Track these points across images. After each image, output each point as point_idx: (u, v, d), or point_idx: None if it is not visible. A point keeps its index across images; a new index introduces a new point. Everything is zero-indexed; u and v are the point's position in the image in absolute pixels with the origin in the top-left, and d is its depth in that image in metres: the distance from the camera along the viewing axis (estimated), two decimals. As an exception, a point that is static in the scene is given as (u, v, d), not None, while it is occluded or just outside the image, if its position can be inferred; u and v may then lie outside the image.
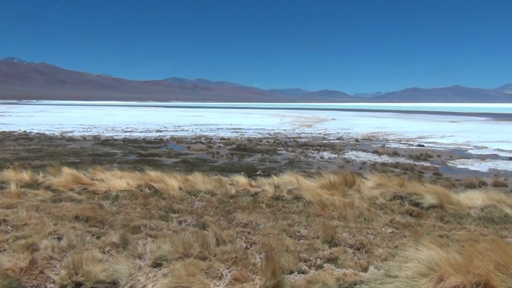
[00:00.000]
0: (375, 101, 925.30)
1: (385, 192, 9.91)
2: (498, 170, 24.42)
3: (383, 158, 28.73)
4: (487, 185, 18.69)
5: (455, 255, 4.01)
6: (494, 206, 9.00)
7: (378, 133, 52.36)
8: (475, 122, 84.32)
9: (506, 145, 37.56)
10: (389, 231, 6.94)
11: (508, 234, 7.07)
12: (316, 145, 36.63)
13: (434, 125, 71.55)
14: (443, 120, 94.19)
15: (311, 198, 9.15)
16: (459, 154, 32.25)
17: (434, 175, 21.77)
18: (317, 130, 58.17)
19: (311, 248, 5.78)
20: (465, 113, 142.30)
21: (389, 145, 38.26)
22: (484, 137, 46.44)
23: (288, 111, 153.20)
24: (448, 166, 26.18)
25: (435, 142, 41.44)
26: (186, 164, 24.35)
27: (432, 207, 8.91)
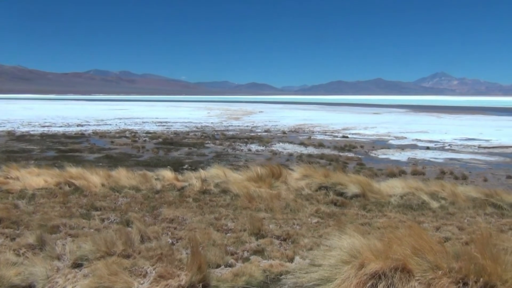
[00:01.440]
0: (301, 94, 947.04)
1: (311, 183, 10.19)
2: (417, 159, 25.93)
3: (309, 150, 29.50)
4: (407, 173, 19.77)
5: (376, 242, 4.19)
6: (413, 193, 9.56)
7: (305, 125, 53.68)
8: (396, 114, 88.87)
9: (423, 135, 39.98)
10: (315, 221, 7.14)
11: (425, 220, 7.53)
12: (244, 138, 36.88)
13: (358, 117, 74.52)
14: (366, 112, 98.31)
15: (238, 191, 9.20)
16: (381, 144, 33.86)
17: (358, 165, 22.70)
18: (244, 122, 58.55)
19: (238, 241, 5.81)
20: (386, 105, 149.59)
21: (315, 136, 39.35)
22: (404, 128, 49.10)
23: (215, 104, 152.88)
24: (370, 156, 27.40)
25: (358, 133, 43.18)
26: (110, 160, 23.56)
27: (356, 196, 9.30)
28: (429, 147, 31.52)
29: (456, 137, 38.83)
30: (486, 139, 37.46)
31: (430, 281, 3.57)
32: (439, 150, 30.55)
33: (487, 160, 25.81)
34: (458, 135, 40.09)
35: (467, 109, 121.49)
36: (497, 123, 59.38)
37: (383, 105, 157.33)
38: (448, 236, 6.15)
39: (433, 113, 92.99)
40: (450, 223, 7.12)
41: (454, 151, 29.83)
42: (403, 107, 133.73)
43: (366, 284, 3.66)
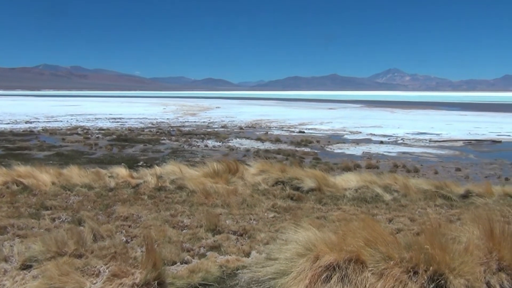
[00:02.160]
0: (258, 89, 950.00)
1: (267, 178, 10.24)
2: (371, 153, 26.61)
3: (266, 145, 29.70)
4: (361, 167, 20.26)
5: (330, 234, 4.27)
6: (367, 187, 9.79)
7: (262, 120, 53.95)
8: (351, 109, 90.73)
9: (377, 130, 41.03)
10: (271, 215, 7.20)
11: (378, 212, 7.74)
12: (201, 134, 36.69)
13: (314, 112, 75.58)
14: (322, 107, 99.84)
15: (194, 187, 9.14)
16: (337, 139, 34.51)
17: (314, 159, 23.05)
18: (201, 118, 58.23)
19: (195, 237, 5.79)
20: (342, 101, 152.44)
21: (272, 132, 39.65)
22: (359, 122, 50.23)
23: (171, 100, 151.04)
24: (326, 151, 27.89)
25: (314, 128, 43.82)
26: (61, 157, 22.88)
27: (312, 190, 9.43)
28: (383, 141, 32.39)
29: (408, 131, 40.09)
30: (436, 133, 38.88)
31: (382, 271, 3.67)
32: (393, 144, 31.45)
33: (438, 153, 26.80)
34: (411, 130, 41.40)
35: (419, 104, 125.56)
36: (447, 118, 61.72)
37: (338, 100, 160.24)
38: (400, 228, 6.35)
39: (386, 108, 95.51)
40: (402, 214, 7.35)
41: (406, 145, 30.79)
42: (358, 102, 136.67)
43: (320, 276, 3.72)
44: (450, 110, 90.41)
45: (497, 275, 3.75)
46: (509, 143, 33.19)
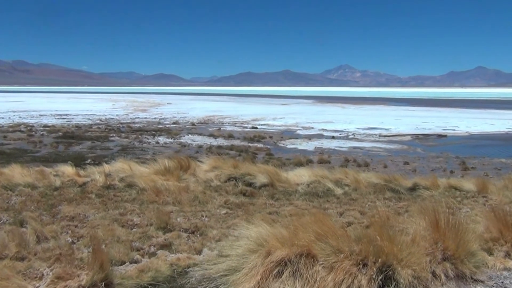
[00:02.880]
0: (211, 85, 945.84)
1: (220, 174, 10.22)
2: (323, 148, 27.06)
3: (219, 141, 29.62)
4: (313, 162, 20.57)
5: (282, 230, 4.29)
6: (319, 181, 9.94)
7: (214, 116, 53.74)
8: (303, 105, 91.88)
9: (329, 125, 41.79)
10: (224, 212, 7.18)
11: (330, 206, 7.87)
12: (152, 130, 36.12)
13: (267, 108, 76.01)
14: (274, 103, 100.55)
15: (145, 185, 8.98)
16: (289, 134, 34.89)
17: (267, 155, 23.19)
18: (152, 114, 57.32)
19: (145, 236, 5.68)
20: (295, 96, 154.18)
21: (225, 128, 39.57)
22: (311, 118, 50.96)
23: (121, 96, 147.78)
24: (279, 146, 28.13)
25: (267, 124, 44.09)
26: (2, 156, 21.89)
27: (264, 186, 9.48)
28: (334, 137, 33.02)
29: (359, 126, 41.06)
30: (386, 128, 40.03)
31: (333, 264, 3.73)
32: (344, 139, 32.12)
33: (387, 148, 27.60)
34: (361, 125, 42.42)
35: (370, 100, 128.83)
36: (396, 113, 63.66)
37: (291, 96, 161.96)
38: (351, 221, 6.49)
39: (338, 104, 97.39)
40: (353, 208, 7.51)
41: (357, 140, 31.53)
42: (311, 98, 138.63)
43: (272, 271, 3.74)
44: (399, 105, 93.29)
45: (442, 264, 3.89)
46: (454, 137, 34.66)
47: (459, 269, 3.89)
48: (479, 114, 62.79)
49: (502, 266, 4.09)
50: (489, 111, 69.82)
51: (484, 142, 31.90)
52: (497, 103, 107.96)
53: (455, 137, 34.33)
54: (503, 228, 4.51)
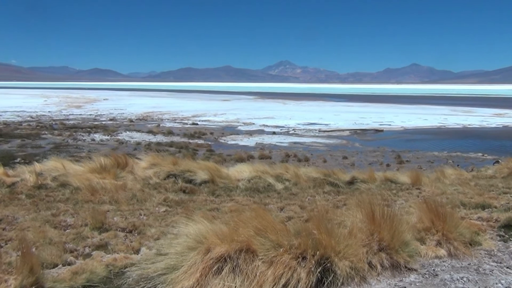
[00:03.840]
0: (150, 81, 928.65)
1: (159, 171, 10.06)
2: (264, 143, 27.29)
3: (158, 138, 29.15)
4: (255, 158, 20.70)
5: (222, 226, 4.29)
6: (260, 177, 10.02)
7: (153, 112, 52.80)
8: (244, 101, 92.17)
9: (270, 121, 42.19)
10: (163, 210, 7.07)
11: (270, 201, 7.95)
12: (87, 127, 34.96)
13: (208, 104, 75.63)
14: (216, 99, 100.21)
15: (79, 184, 8.68)
16: (230, 130, 34.91)
17: (208, 151, 23.10)
18: (87, 111, 55.47)
19: (79, 237, 5.49)
20: (236, 92, 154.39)
21: (164, 124, 38.99)
22: (252, 114, 51.21)
23: (53, 91, 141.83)
24: (220, 142, 28.08)
25: (208, 120, 43.88)
26: None
27: (205, 182, 9.44)
28: (275, 132, 33.39)
29: (299, 122, 41.75)
30: (325, 123, 40.95)
31: (272, 258, 3.76)
32: (284, 134, 32.57)
33: (327, 143, 28.25)
34: (302, 120, 43.15)
35: (310, 95, 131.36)
36: (335, 109, 65.30)
37: (232, 92, 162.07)
38: (291, 215, 6.58)
39: (279, 99, 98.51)
40: (293, 203, 7.63)
41: (297, 135, 32.06)
42: (252, 94, 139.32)
43: (212, 268, 3.72)
44: (338, 101, 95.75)
45: (378, 255, 4.04)
46: (390, 131, 36.03)
47: (394, 259, 4.04)
48: (414, 109, 65.64)
49: (434, 254, 4.29)
50: (423, 107, 73.15)
51: (418, 136, 33.39)
52: (430, 99, 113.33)
53: (391, 132, 35.69)
54: (434, 218, 4.72)
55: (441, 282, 3.72)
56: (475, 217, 5.89)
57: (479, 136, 34.56)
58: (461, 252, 4.35)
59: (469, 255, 4.32)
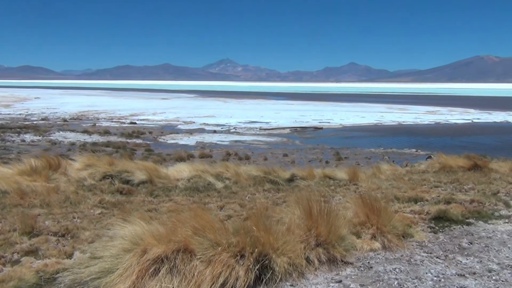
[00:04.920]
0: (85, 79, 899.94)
1: (94, 172, 9.77)
2: (204, 142, 27.19)
3: (94, 138, 28.32)
4: (195, 157, 20.58)
5: (159, 227, 4.23)
6: (199, 176, 9.96)
7: (89, 112, 51.21)
8: (184, 99, 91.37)
9: (211, 120, 42.07)
10: (98, 212, 6.87)
11: (210, 200, 7.92)
12: (16, 127, 33.34)
13: (146, 103, 74.28)
14: (154, 97, 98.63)
15: (7, 187, 8.24)
16: (170, 129, 34.50)
17: (146, 151, 22.71)
18: (17, 110, 52.92)
19: (7, 243, 5.22)
20: (175, 91, 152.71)
21: (101, 124, 37.94)
22: (192, 112, 50.86)
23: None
24: (159, 141, 27.69)
25: (147, 119, 43.13)
26: None
27: (143, 183, 9.26)
28: (216, 131, 33.35)
29: (240, 120, 41.92)
30: (266, 121, 41.37)
31: (210, 258, 3.76)
32: (225, 133, 32.59)
33: (267, 141, 28.55)
34: (243, 119, 43.35)
35: (251, 94, 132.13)
36: (276, 107, 66.09)
37: (172, 90, 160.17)
38: (231, 214, 6.59)
39: (220, 98, 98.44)
40: (233, 201, 7.64)
41: (238, 134, 32.18)
42: (192, 92, 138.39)
43: (148, 269, 3.67)
44: (278, 99, 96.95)
45: (315, 250, 4.13)
46: (329, 129, 36.94)
47: (331, 253, 4.16)
48: (352, 107, 67.62)
49: (369, 247, 4.45)
50: (360, 105, 75.55)
51: (356, 133, 34.47)
52: (367, 97, 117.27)
53: (330, 129, 36.60)
54: (369, 213, 4.90)
55: (375, 274, 3.87)
56: (408, 211, 6.16)
57: (413, 132, 36.16)
58: (394, 244, 4.54)
59: (402, 247, 4.52)
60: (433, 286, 3.63)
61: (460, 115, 55.10)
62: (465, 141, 30.85)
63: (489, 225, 5.42)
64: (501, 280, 3.75)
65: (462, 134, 36.15)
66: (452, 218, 5.54)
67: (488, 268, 4.00)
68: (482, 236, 4.96)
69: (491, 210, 6.21)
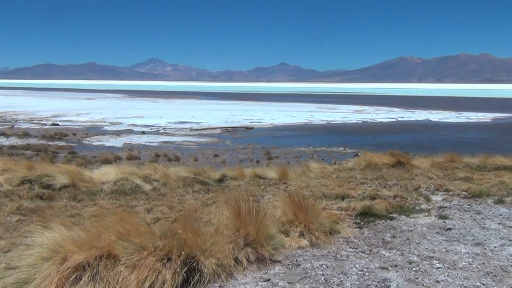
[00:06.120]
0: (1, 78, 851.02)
1: (11, 177, 9.28)
2: (132, 144, 26.57)
3: (12, 141, 26.86)
4: (122, 159, 20.07)
5: (81, 233, 4.07)
6: (126, 178, 9.72)
7: (6, 113, 48.48)
8: (111, 99, 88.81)
9: (139, 120, 41.19)
10: (15, 219, 6.52)
11: (138, 203, 7.74)
12: None
13: (70, 103, 71.49)
14: (79, 97, 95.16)
15: None
16: (96, 131, 33.41)
17: (69, 154, 21.85)
18: None
19: None
20: (102, 90, 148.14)
21: (19, 125, 36.04)
22: (120, 113, 49.53)
23: None
24: (84, 143, 26.75)
25: (71, 120, 41.50)
26: None
27: (65, 187, 8.90)
28: (144, 132, 32.71)
29: (170, 120, 41.38)
30: (197, 121, 41.11)
31: (136, 262, 3.67)
32: (154, 134, 32.04)
33: (198, 141, 28.39)
34: (172, 119, 42.80)
35: (181, 94, 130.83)
36: (207, 107, 65.87)
37: (98, 90, 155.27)
38: (159, 217, 6.47)
39: (149, 98, 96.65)
40: (162, 203, 7.51)
41: (168, 134, 31.75)
42: (119, 92, 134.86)
43: (69, 278, 3.51)
44: (209, 99, 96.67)
45: (244, 250, 4.15)
46: (260, 129, 37.33)
47: (260, 253, 4.19)
48: (282, 107, 68.76)
49: (297, 245, 4.53)
50: (291, 104, 77.01)
51: (286, 132, 35.08)
52: (297, 97, 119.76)
53: (261, 129, 36.99)
54: (297, 211, 4.99)
55: (302, 271, 3.95)
56: (335, 207, 6.34)
57: (342, 131, 37.37)
58: (321, 241, 4.66)
59: (329, 243, 4.65)
60: (358, 280, 3.76)
61: (386, 114, 57.60)
62: (390, 139, 32.31)
63: (410, 219, 5.70)
64: (421, 271, 3.95)
65: (387, 132, 37.81)
66: (377, 213, 5.77)
67: (409, 260, 4.21)
68: (404, 230, 5.20)
69: (413, 204, 6.54)
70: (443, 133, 37.31)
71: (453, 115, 56.45)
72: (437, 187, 8.11)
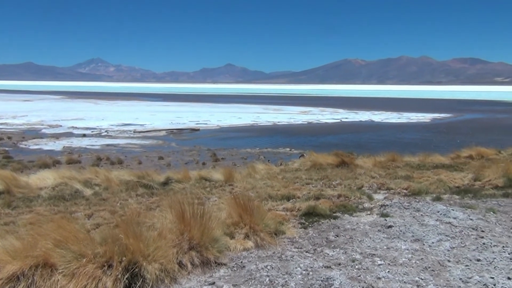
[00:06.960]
0: None
1: None
2: (73, 147, 25.75)
3: None
4: (62, 163, 19.40)
5: (15, 241, 3.90)
6: (66, 183, 9.42)
7: None
8: (50, 101, 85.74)
9: (80, 123, 39.98)
10: None
11: (77, 209, 7.50)
12: None
13: (4, 105, 68.46)
14: (14, 99, 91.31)
15: None
16: (33, 134, 32.14)
17: (4, 158, 20.89)
18: None
19: None
20: (39, 92, 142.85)
21: None
22: (59, 115, 47.89)
23: None
24: (20, 147, 25.67)
25: (5, 123, 39.74)
26: None
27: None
28: (85, 134, 31.78)
29: (113, 123, 40.42)
30: (141, 123, 40.39)
31: (74, 271, 3.55)
32: (96, 136, 31.20)
33: (142, 144, 27.89)
34: (115, 121, 41.84)
35: (124, 95, 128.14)
36: (152, 108, 64.87)
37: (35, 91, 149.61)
38: (100, 222, 6.30)
39: (90, 99, 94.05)
40: (103, 208, 7.33)
41: (111, 137, 30.99)
42: (58, 93, 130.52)
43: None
44: (154, 101, 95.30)
45: (188, 254, 4.11)
46: (206, 130, 37.17)
47: (204, 256, 4.16)
48: (229, 108, 68.77)
49: (242, 247, 4.54)
50: (237, 106, 77.15)
51: (233, 134, 35.10)
52: (244, 98, 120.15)
53: (207, 131, 36.82)
54: (242, 213, 4.99)
55: (247, 273, 3.95)
56: (280, 208, 6.40)
57: (288, 132, 37.82)
58: (267, 242, 4.68)
59: (274, 244, 4.68)
60: (302, 280, 3.81)
61: (331, 115, 58.84)
62: (335, 139, 33.01)
63: (353, 218, 5.84)
64: (363, 269, 4.05)
65: (332, 132, 38.62)
66: (321, 213, 5.87)
67: (352, 258, 4.31)
68: (347, 229, 5.32)
69: (356, 203, 6.71)
70: (386, 133, 38.56)
71: (395, 116, 58.46)
72: (379, 186, 8.37)
